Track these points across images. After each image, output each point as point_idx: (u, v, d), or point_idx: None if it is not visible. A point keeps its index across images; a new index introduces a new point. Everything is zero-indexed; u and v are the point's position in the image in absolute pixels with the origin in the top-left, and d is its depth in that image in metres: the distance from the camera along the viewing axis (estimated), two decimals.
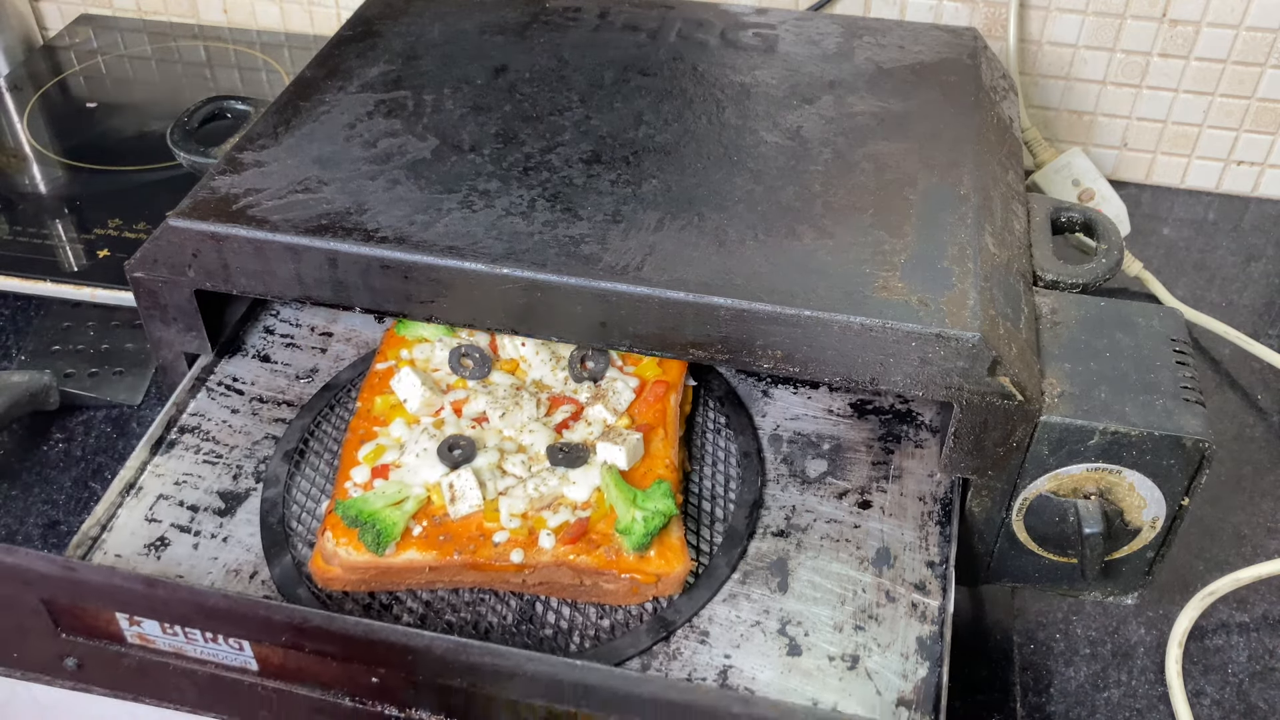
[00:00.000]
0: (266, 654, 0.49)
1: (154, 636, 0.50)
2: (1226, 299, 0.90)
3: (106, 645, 0.52)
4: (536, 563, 0.55)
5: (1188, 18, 0.92)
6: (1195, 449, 0.55)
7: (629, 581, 0.55)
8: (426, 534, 0.55)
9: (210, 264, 0.60)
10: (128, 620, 0.50)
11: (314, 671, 0.49)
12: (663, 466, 0.58)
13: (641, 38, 0.77)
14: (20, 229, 0.86)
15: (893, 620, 0.56)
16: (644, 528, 0.55)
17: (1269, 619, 0.68)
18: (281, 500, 0.61)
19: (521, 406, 0.60)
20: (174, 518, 0.61)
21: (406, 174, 0.63)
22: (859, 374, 0.55)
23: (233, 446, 0.64)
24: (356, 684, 0.49)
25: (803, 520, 0.61)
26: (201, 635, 0.49)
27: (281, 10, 1.10)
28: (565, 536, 0.55)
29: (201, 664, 0.51)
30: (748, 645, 0.55)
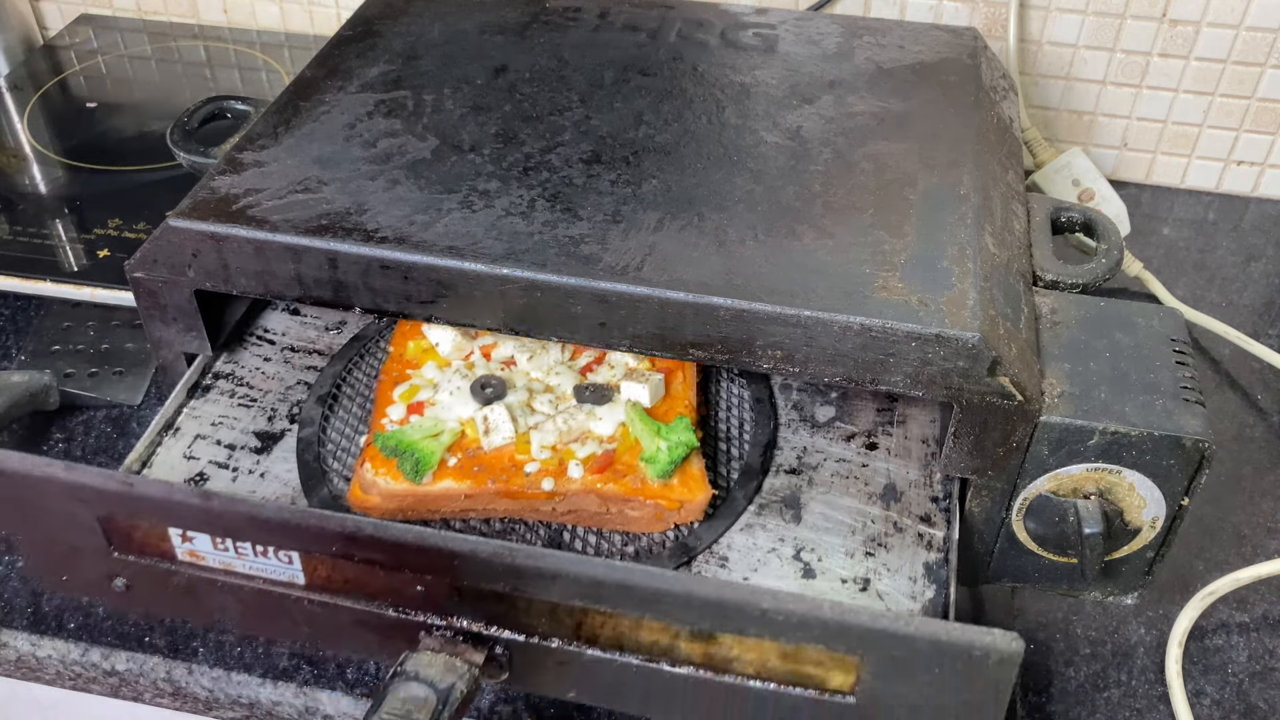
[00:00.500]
0: (315, 566, 0.51)
1: (204, 552, 0.53)
2: (1226, 299, 0.90)
3: (157, 563, 0.54)
4: (566, 490, 0.58)
5: (1188, 18, 0.92)
6: (1195, 449, 0.55)
7: (653, 508, 0.58)
8: (461, 465, 0.59)
9: (210, 264, 0.61)
10: (180, 536, 0.52)
11: (359, 582, 0.51)
12: (683, 406, 0.62)
13: (641, 38, 0.77)
14: (20, 229, 0.86)
15: (900, 548, 0.59)
16: (668, 456, 0.58)
17: (1269, 619, 0.68)
18: (316, 439, 0.65)
19: (548, 350, 0.64)
20: (212, 455, 0.64)
21: (406, 174, 0.63)
22: (859, 374, 0.55)
23: (266, 391, 0.68)
24: (400, 594, 0.51)
25: (813, 460, 0.64)
26: (252, 549, 0.52)
27: (281, 10, 1.10)
28: (593, 466, 0.59)
29: (249, 580, 0.53)
30: (765, 569, 0.58)
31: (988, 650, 0.44)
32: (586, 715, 0.63)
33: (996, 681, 0.45)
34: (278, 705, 0.64)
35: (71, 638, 0.65)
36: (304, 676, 0.63)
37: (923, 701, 0.47)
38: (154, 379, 0.77)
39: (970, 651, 0.45)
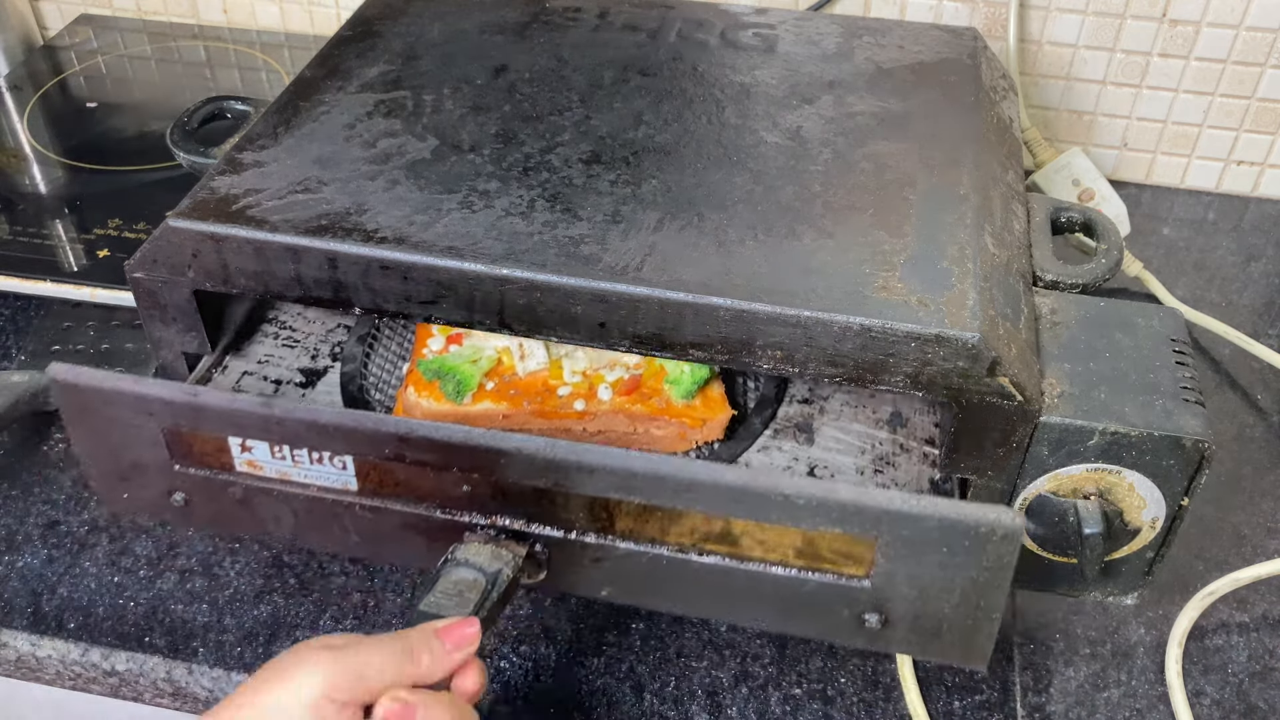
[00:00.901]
0: (368, 470, 0.55)
1: (262, 461, 0.56)
2: (1226, 299, 0.90)
3: (216, 475, 0.58)
4: (596, 411, 0.63)
5: (1188, 18, 0.92)
6: (1195, 449, 0.55)
7: (677, 427, 0.63)
8: (498, 388, 0.64)
9: (210, 264, 0.61)
10: (239, 446, 0.56)
11: (409, 485, 0.55)
12: None
13: (641, 38, 0.77)
14: (20, 229, 0.86)
15: (908, 466, 0.63)
16: (691, 378, 0.63)
17: (1269, 619, 0.68)
18: (358, 374, 0.69)
19: None
20: (259, 389, 0.67)
21: (406, 174, 0.63)
22: (858, 374, 0.55)
23: (308, 334, 0.71)
24: (447, 495, 0.55)
25: (824, 391, 0.68)
26: (308, 456, 0.55)
27: (281, 10, 1.11)
28: (621, 389, 0.64)
29: (303, 488, 0.57)
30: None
31: (992, 526, 0.48)
32: (587, 715, 0.63)
33: (1000, 556, 0.49)
34: None
35: (71, 638, 0.65)
36: None
37: (932, 581, 0.51)
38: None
39: (976, 528, 0.48)
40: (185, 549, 0.70)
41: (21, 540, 0.71)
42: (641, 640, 0.66)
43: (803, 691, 0.64)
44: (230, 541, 0.71)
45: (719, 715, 0.63)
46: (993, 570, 0.50)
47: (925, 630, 0.54)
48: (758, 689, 0.64)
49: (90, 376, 0.55)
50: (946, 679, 0.65)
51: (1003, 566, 0.50)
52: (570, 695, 0.64)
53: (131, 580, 0.69)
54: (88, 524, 0.71)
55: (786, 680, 0.65)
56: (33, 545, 0.70)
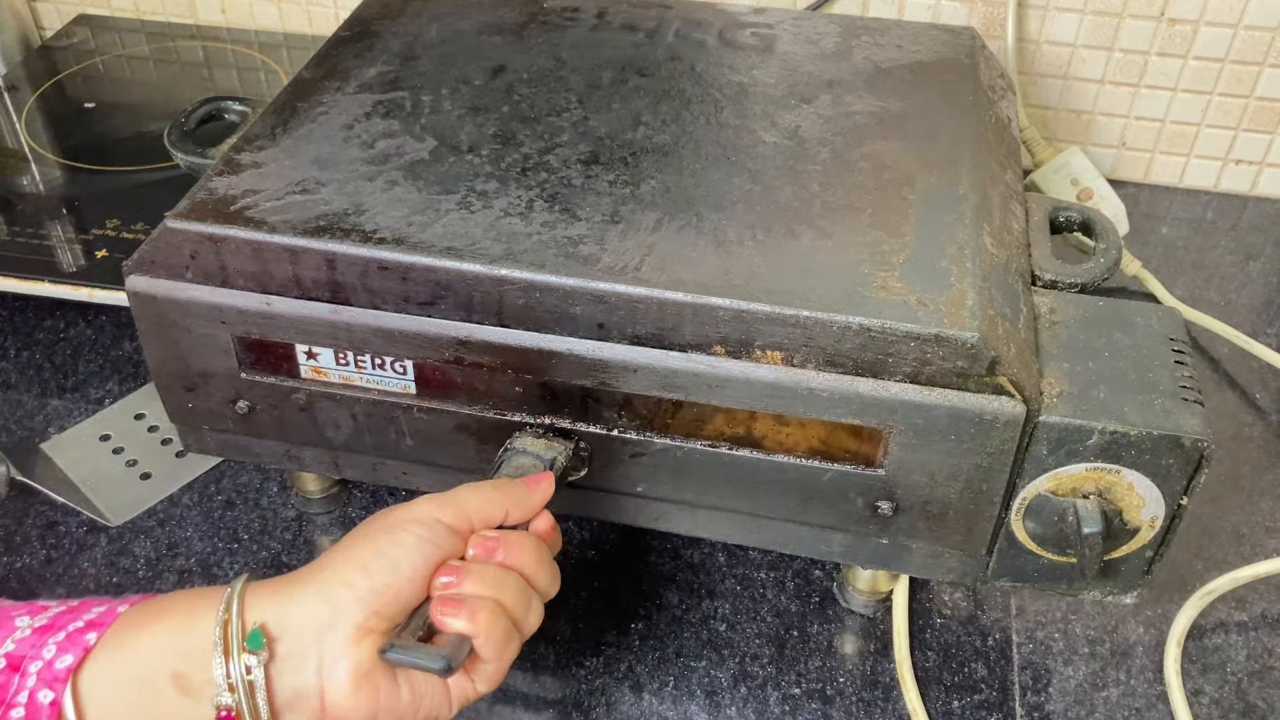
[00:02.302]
0: (427, 373, 0.60)
1: (327, 368, 0.61)
2: (1225, 298, 0.90)
3: (281, 381, 0.62)
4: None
5: (1186, 17, 0.92)
6: (1194, 448, 0.55)
7: None
8: None
9: (208, 265, 0.60)
10: (306, 354, 0.61)
11: (464, 387, 0.60)
12: None
13: (639, 37, 0.77)
14: (18, 229, 0.86)
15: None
16: None
17: (1267, 618, 0.68)
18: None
19: None
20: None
21: (404, 175, 0.63)
22: (858, 374, 0.55)
23: None
24: (500, 395, 0.60)
25: None
26: (371, 361, 0.60)
27: (280, 10, 1.10)
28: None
29: (365, 392, 0.61)
30: None
31: (996, 414, 0.54)
32: (586, 715, 0.63)
33: (1003, 443, 0.55)
34: None
35: None
36: None
37: (940, 468, 0.56)
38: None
39: (982, 415, 0.54)
40: (184, 549, 0.70)
41: (20, 541, 0.71)
42: (640, 640, 0.66)
43: (801, 691, 0.64)
44: (229, 542, 0.71)
45: (718, 715, 0.63)
46: (995, 455, 0.55)
47: (932, 516, 0.59)
48: (756, 689, 0.64)
49: (167, 286, 0.60)
50: (945, 678, 0.65)
51: (1005, 452, 0.55)
52: (570, 695, 0.64)
53: (130, 580, 0.69)
54: (86, 524, 0.71)
55: (785, 680, 0.65)
56: (31, 546, 0.70)
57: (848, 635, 0.67)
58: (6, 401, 0.80)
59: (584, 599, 0.69)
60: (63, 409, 0.79)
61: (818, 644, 0.67)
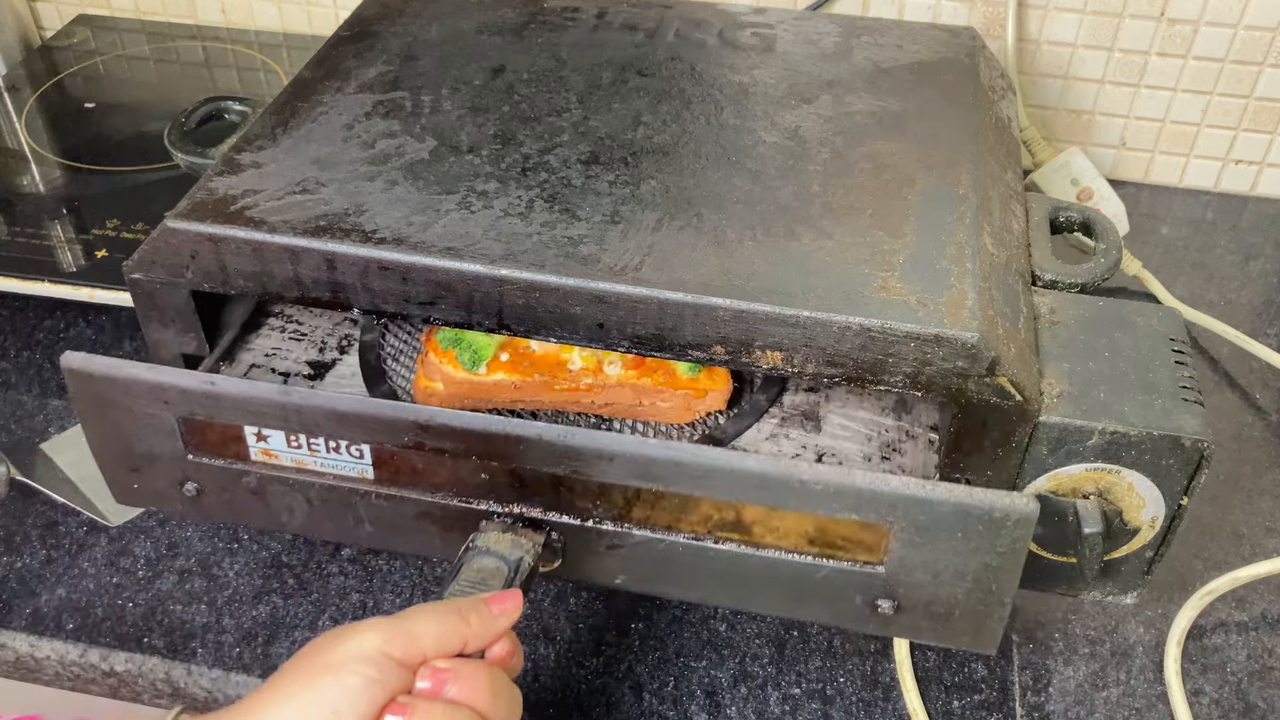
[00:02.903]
0: (385, 458, 0.56)
1: (278, 451, 0.57)
2: (1225, 298, 0.90)
3: (230, 464, 0.58)
4: (604, 384, 0.64)
5: (1186, 17, 0.92)
6: (1194, 448, 0.55)
7: (682, 398, 0.64)
8: (512, 360, 0.65)
9: (208, 265, 0.60)
10: (255, 436, 0.56)
11: (426, 473, 0.56)
12: None
13: (639, 37, 0.77)
14: (18, 229, 0.86)
15: (914, 453, 0.63)
16: None
17: (1267, 618, 0.68)
18: (377, 343, 0.69)
19: None
20: (268, 380, 0.66)
21: (404, 175, 0.63)
22: (858, 374, 0.55)
23: (315, 327, 0.71)
24: (464, 483, 0.56)
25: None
26: (325, 444, 0.56)
27: (280, 10, 1.10)
28: (628, 363, 0.64)
29: (319, 477, 0.57)
30: None
31: (1007, 511, 0.50)
32: (586, 715, 0.63)
33: (1013, 542, 0.51)
34: None
35: (70, 638, 0.65)
36: None
37: (945, 567, 0.52)
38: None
39: (991, 514, 0.50)
40: (184, 549, 0.70)
41: (20, 541, 0.71)
42: (640, 640, 0.66)
43: (801, 691, 0.64)
44: (229, 542, 0.71)
45: (718, 715, 0.63)
46: (1006, 555, 0.51)
47: (937, 615, 0.55)
48: (756, 689, 0.64)
49: (105, 365, 0.55)
50: (945, 678, 0.65)
51: (1016, 551, 0.51)
52: (569, 695, 0.64)
53: (130, 581, 0.69)
54: (86, 524, 0.71)
55: (785, 680, 0.65)
56: (31, 546, 0.70)
57: (848, 635, 0.67)
58: (6, 401, 0.80)
59: (584, 599, 0.69)
60: (63, 409, 0.79)
61: (818, 644, 0.67)
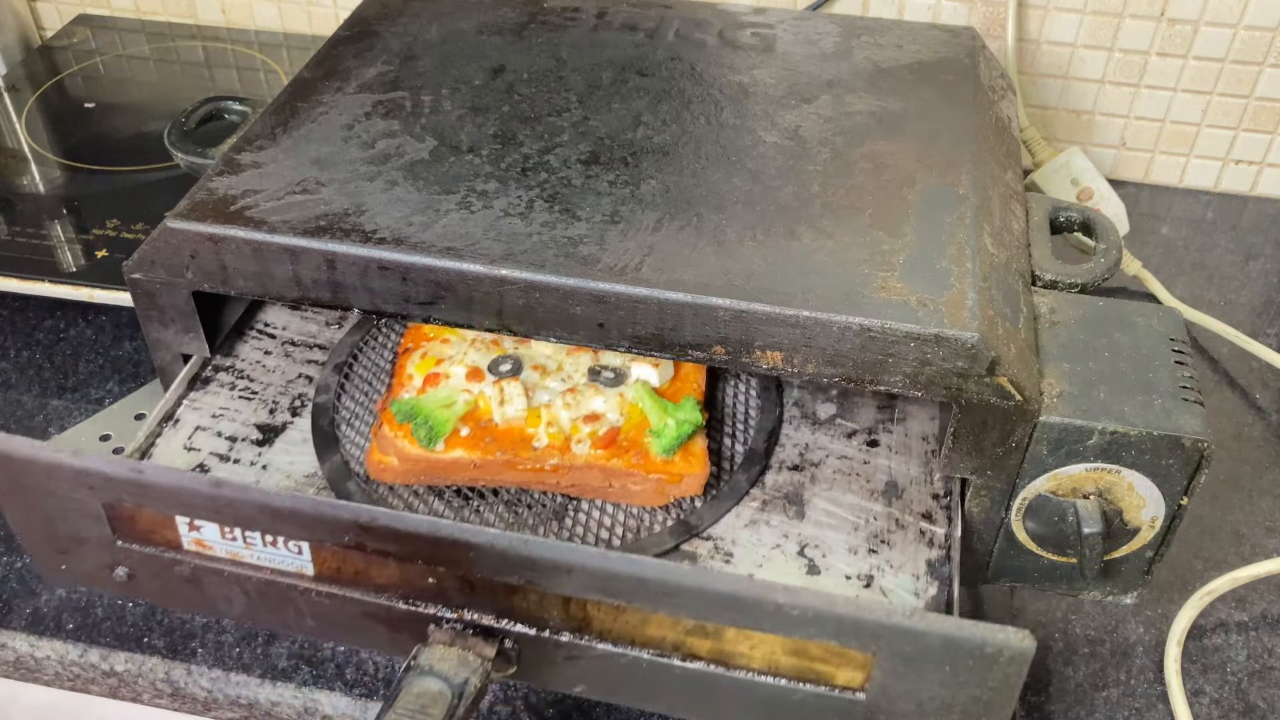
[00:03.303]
0: (325, 557, 0.51)
1: (212, 542, 0.52)
2: (1225, 298, 0.90)
3: (162, 553, 0.54)
4: (571, 464, 0.60)
5: (1186, 17, 0.92)
6: (1194, 448, 0.55)
7: (655, 482, 0.60)
8: (473, 435, 0.60)
9: (208, 265, 0.60)
10: (187, 525, 0.52)
11: (370, 574, 0.51)
12: (691, 387, 0.64)
13: (639, 37, 0.77)
14: (18, 229, 0.86)
15: (903, 545, 0.60)
16: (675, 432, 0.60)
17: (1268, 618, 0.68)
18: (332, 406, 0.66)
19: None
20: (212, 447, 0.64)
21: (404, 175, 0.63)
22: (858, 374, 0.55)
23: (267, 385, 0.68)
24: (411, 585, 0.51)
25: (815, 456, 0.64)
26: (261, 539, 0.51)
27: (280, 10, 1.10)
28: (598, 441, 0.60)
29: (256, 570, 0.53)
30: (769, 565, 0.59)
31: (1000, 647, 0.45)
32: (586, 716, 0.63)
33: (1007, 678, 0.46)
34: (276, 706, 0.64)
35: (70, 638, 0.65)
36: (303, 677, 0.63)
37: (931, 698, 0.48)
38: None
39: (983, 648, 0.45)
40: None
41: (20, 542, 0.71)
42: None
43: None
44: None
45: None
46: (998, 690, 0.47)
47: None
48: None
49: (25, 447, 0.51)
50: None
51: (1009, 687, 0.46)
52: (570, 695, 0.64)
53: None
54: None
55: None
56: None
57: None
58: (6, 401, 0.80)
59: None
60: (63, 409, 0.79)
61: None
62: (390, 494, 0.62)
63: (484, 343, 0.64)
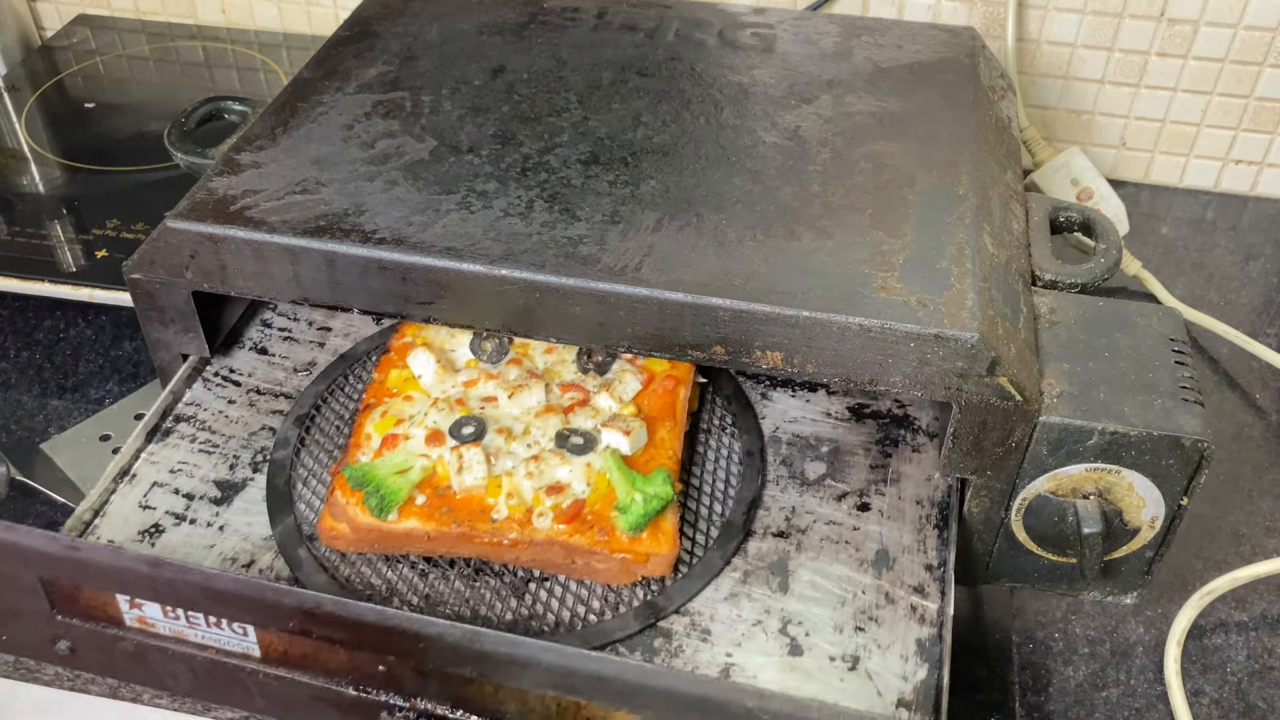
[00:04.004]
0: (271, 640, 0.49)
1: (154, 620, 0.50)
2: (1225, 298, 0.90)
3: (103, 628, 0.52)
4: (531, 539, 0.56)
5: (1186, 17, 0.92)
6: (1194, 449, 0.55)
7: (620, 561, 0.56)
8: (429, 504, 0.57)
9: (208, 265, 0.60)
10: (128, 603, 0.50)
11: (318, 658, 0.49)
12: (666, 457, 0.59)
13: (639, 37, 0.77)
14: (18, 229, 0.86)
15: (892, 622, 0.57)
16: (642, 509, 0.56)
17: (1267, 618, 0.68)
18: (289, 463, 0.63)
19: (530, 389, 0.61)
20: (169, 505, 0.61)
21: (404, 175, 0.63)
22: (858, 374, 0.55)
23: (229, 437, 0.65)
24: (362, 672, 0.49)
25: (803, 521, 0.61)
26: (204, 619, 0.49)
27: (279, 10, 1.10)
28: (560, 515, 0.56)
29: (201, 649, 0.51)
30: (749, 644, 0.56)
31: None
32: None
33: None
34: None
35: None
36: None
37: None
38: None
39: None
40: None
41: None
42: None
43: None
44: None
45: None
46: None
47: None
48: None
49: None
50: None
51: None
52: None
53: None
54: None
55: None
56: None
57: None
58: (6, 401, 0.80)
59: None
60: (63, 409, 0.79)
61: None
62: (343, 562, 0.58)
63: (448, 401, 0.61)
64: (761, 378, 0.68)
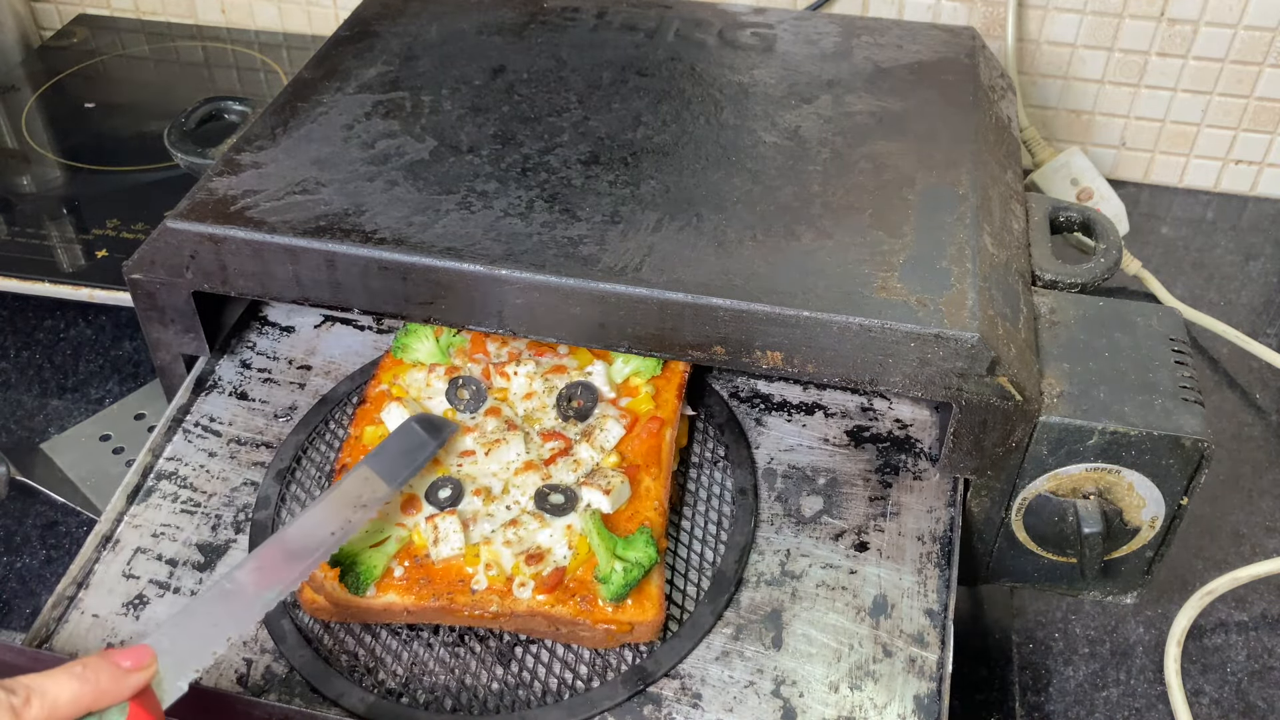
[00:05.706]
0: None
1: None
2: (1225, 298, 0.90)
3: None
4: (513, 611, 0.54)
5: (1186, 17, 0.92)
6: (1194, 448, 0.55)
7: (603, 632, 0.54)
8: (407, 576, 0.55)
9: (208, 265, 0.60)
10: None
11: None
12: (650, 509, 0.57)
13: (639, 37, 0.77)
14: (18, 229, 0.86)
15: (890, 678, 0.54)
16: (622, 579, 0.54)
17: (1267, 618, 0.68)
18: (271, 524, 0.60)
19: (508, 444, 0.59)
20: (152, 573, 0.59)
21: (405, 175, 0.63)
22: (858, 374, 0.55)
23: (211, 494, 0.62)
24: None
25: (798, 566, 0.58)
26: None
27: (279, 10, 1.10)
28: (542, 585, 0.54)
29: None
30: (741, 709, 0.53)
31: None
32: None
33: None
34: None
35: None
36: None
37: None
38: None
39: None
40: None
41: (20, 541, 0.71)
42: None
43: None
44: None
45: None
46: None
47: None
48: None
49: None
50: None
51: None
52: None
53: None
54: (86, 524, 0.71)
55: None
56: (31, 546, 0.70)
57: None
58: (6, 401, 0.80)
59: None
60: (63, 409, 0.79)
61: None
62: (325, 632, 0.57)
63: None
64: (757, 402, 0.66)
